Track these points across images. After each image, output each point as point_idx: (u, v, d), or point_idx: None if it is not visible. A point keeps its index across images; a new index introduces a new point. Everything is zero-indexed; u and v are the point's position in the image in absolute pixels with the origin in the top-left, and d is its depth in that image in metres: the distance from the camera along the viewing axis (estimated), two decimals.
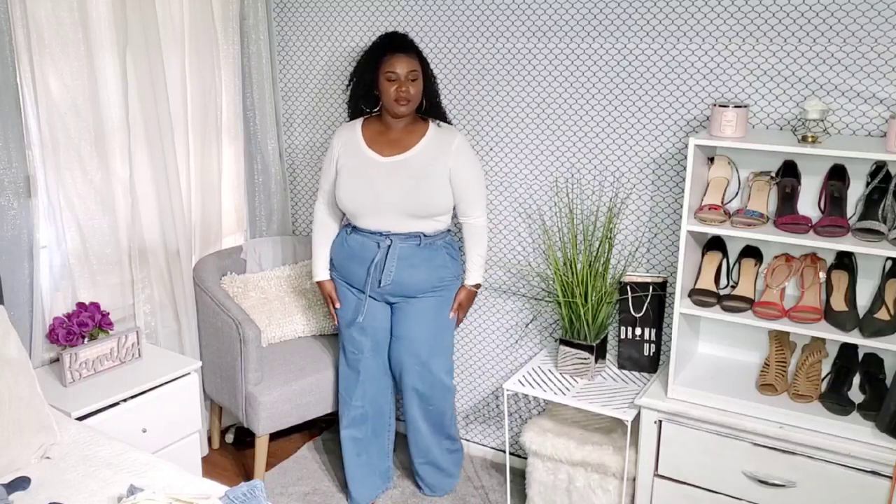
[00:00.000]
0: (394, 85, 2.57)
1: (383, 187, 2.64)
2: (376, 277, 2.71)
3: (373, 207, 2.66)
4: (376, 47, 2.63)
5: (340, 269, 2.82)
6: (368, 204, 2.66)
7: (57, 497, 1.93)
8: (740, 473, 2.33)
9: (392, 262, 2.68)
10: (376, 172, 2.65)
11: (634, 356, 2.73)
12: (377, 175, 2.65)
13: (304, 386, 2.94)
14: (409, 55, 2.60)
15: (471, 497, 3.02)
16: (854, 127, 2.30)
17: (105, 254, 2.78)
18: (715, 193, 2.41)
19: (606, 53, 2.65)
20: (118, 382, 2.58)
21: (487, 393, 3.22)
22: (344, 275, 2.82)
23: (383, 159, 2.65)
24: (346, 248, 2.78)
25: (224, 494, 1.85)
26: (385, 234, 2.69)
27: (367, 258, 2.71)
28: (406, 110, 2.61)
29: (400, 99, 2.57)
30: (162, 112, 2.85)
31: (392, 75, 2.57)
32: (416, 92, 2.60)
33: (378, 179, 2.64)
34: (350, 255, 2.76)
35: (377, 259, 2.69)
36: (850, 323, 2.19)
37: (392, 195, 2.63)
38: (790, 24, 2.33)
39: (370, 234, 2.71)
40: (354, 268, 2.76)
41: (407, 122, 2.67)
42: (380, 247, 2.69)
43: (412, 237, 2.69)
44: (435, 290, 2.76)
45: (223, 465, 3.21)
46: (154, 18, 2.79)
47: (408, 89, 2.57)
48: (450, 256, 2.77)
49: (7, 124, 2.41)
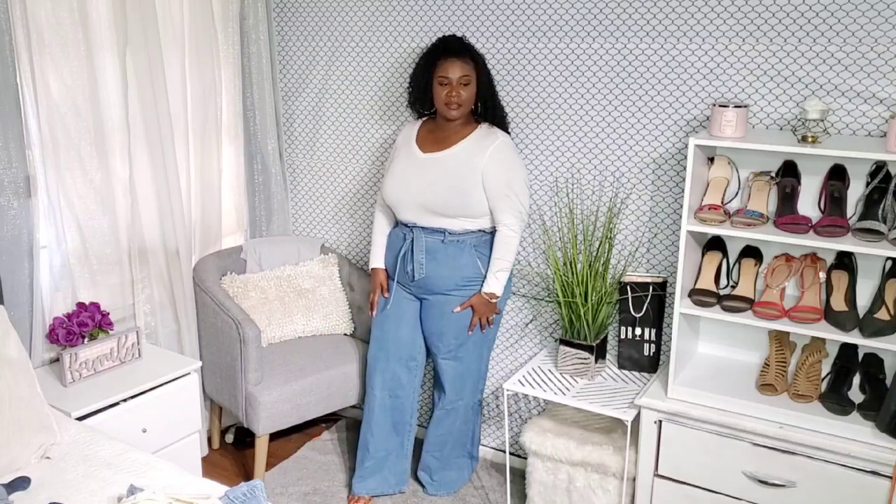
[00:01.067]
0: (445, 89, 2.60)
1: (414, 180, 2.69)
2: (406, 269, 2.77)
3: (404, 200, 2.72)
4: (431, 51, 2.68)
5: (389, 266, 2.88)
6: (401, 196, 2.72)
7: (57, 497, 1.93)
8: (740, 473, 2.33)
9: (420, 255, 2.71)
10: (412, 166, 2.72)
11: (634, 356, 2.73)
12: (412, 168, 2.71)
13: (304, 386, 2.94)
14: (463, 59, 2.62)
15: (471, 497, 3.02)
16: (854, 127, 2.30)
17: (105, 254, 2.78)
18: (715, 193, 2.41)
19: (606, 53, 2.65)
20: (118, 382, 2.58)
21: (487, 393, 3.22)
22: (388, 265, 2.88)
23: (422, 154, 2.71)
24: (390, 239, 2.88)
25: (224, 494, 1.85)
26: (410, 227, 2.74)
27: (398, 249, 2.79)
28: (457, 114, 2.63)
29: (450, 103, 2.60)
30: (162, 112, 2.85)
31: (444, 80, 2.60)
32: (467, 96, 2.61)
33: (412, 172, 2.71)
34: (390, 245, 2.86)
35: (404, 250, 2.75)
36: (850, 323, 2.19)
37: (420, 189, 2.67)
38: (790, 24, 2.33)
39: (402, 227, 2.79)
40: (389, 258, 2.86)
41: (459, 123, 2.69)
42: (405, 238, 2.75)
43: (436, 232, 2.71)
44: (459, 288, 2.73)
45: (223, 465, 3.20)
46: (154, 18, 2.79)
47: (458, 94, 2.59)
48: (478, 258, 2.71)
49: (7, 124, 2.41)
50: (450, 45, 2.65)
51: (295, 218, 3.59)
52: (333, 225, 3.48)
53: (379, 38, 3.11)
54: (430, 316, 2.80)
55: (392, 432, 2.93)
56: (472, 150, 2.63)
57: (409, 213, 2.73)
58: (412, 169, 2.71)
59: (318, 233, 3.54)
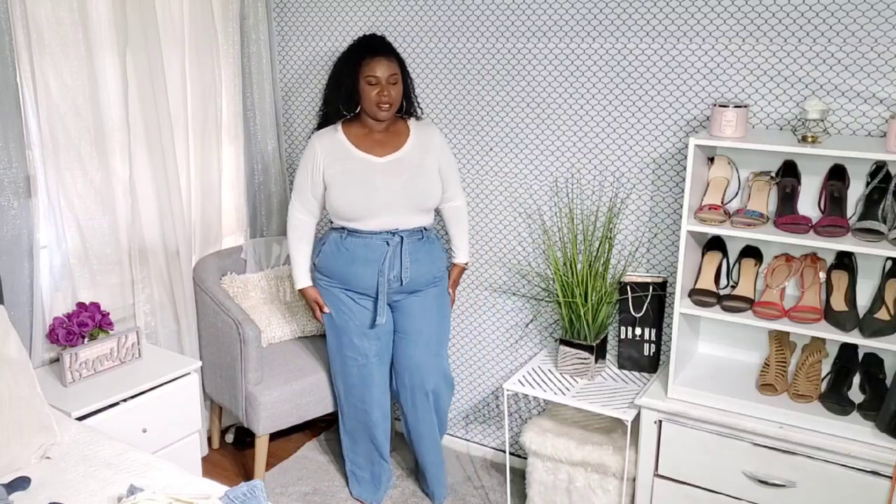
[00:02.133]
0: (375, 89, 2.56)
1: (385, 187, 2.63)
2: (394, 276, 2.69)
3: (377, 208, 2.63)
4: (354, 50, 2.61)
5: (336, 276, 2.73)
6: (372, 205, 2.63)
7: (57, 497, 1.93)
8: (740, 473, 2.33)
9: (406, 259, 2.68)
10: (376, 173, 2.64)
11: (634, 356, 2.73)
12: (377, 176, 2.63)
13: (304, 386, 2.94)
14: (389, 58, 2.59)
15: (471, 497, 3.02)
16: (854, 127, 2.30)
17: (105, 254, 2.78)
18: (715, 193, 2.41)
19: (606, 53, 2.65)
20: (118, 382, 2.58)
21: (487, 393, 3.22)
22: (344, 280, 2.73)
23: (380, 160, 2.65)
24: (343, 252, 2.70)
25: (224, 494, 1.85)
26: (393, 232, 2.67)
27: (374, 259, 2.67)
28: (387, 115, 2.61)
29: (381, 103, 2.57)
30: (162, 112, 2.85)
31: (373, 79, 2.55)
32: (396, 95, 2.61)
33: (379, 180, 2.63)
34: (351, 259, 2.69)
35: (388, 258, 2.66)
36: (850, 323, 2.19)
37: (396, 193, 2.64)
38: (790, 24, 2.33)
39: (376, 235, 2.66)
40: (358, 271, 2.69)
41: (390, 121, 2.69)
42: (389, 245, 2.67)
43: (416, 232, 2.71)
44: (436, 281, 2.80)
45: (223, 465, 3.21)
46: (154, 18, 2.79)
47: (389, 93, 2.57)
48: (440, 247, 2.84)
49: (7, 124, 2.41)
50: (374, 45, 2.61)
51: None
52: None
53: None
54: (408, 316, 2.77)
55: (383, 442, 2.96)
56: (422, 144, 2.71)
57: (385, 220, 2.64)
58: (375, 174, 2.62)
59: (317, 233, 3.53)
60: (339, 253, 2.71)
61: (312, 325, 3.22)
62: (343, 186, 2.64)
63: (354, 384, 2.83)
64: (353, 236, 2.69)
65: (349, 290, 2.74)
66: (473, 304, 3.14)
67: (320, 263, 2.77)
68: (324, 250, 2.76)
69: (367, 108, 2.61)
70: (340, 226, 2.72)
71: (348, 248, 2.69)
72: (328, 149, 2.66)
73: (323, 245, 2.77)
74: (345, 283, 2.73)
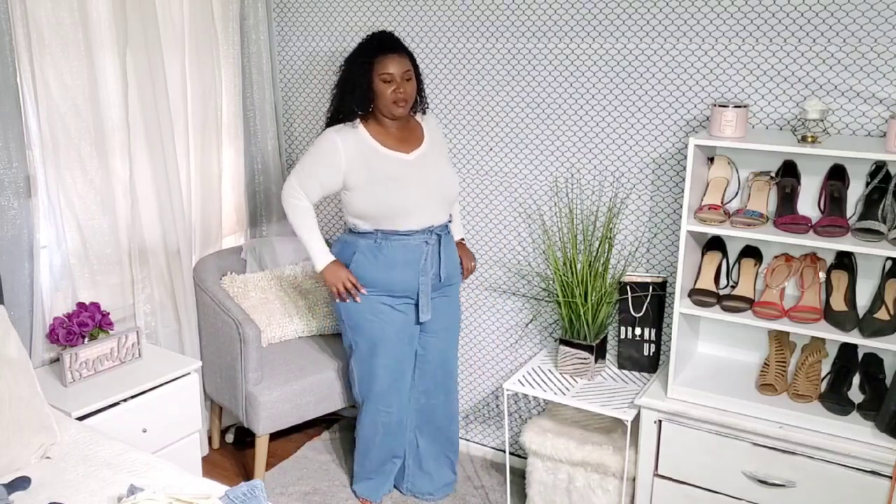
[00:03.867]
0: (390, 87, 2.52)
1: (418, 183, 2.59)
2: (433, 274, 2.66)
3: (413, 206, 2.58)
4: (367, 49, 2.57)
5: (377, 284, 2.62)
6: (408, 204, 2.57)
7: (57, 497, 1.93)
8: (740, 473, 2.33)
9: (443, 255, 2.68)
10: (409, 171, 2.59)
11: (634, 356, 2.73)
12: (410, 173, 2.59)
13: (304, 386, 2.94)
14: (401, 55, 2.55)
15: (471, 497, 3.02)
16: (854, 127, 2.30)
17: (105, 254, 2.78)
18: (715, 193, 2.41)
19: (606, 53, 2.65)
20: (118, 382, 2.58)
21: (487, 393, 3.22)
22: (384, 287, 2.63)
23: (409, 156, 2.61)
24: (380, 259, 2.61)
25: (224, 494, 1.86)
26: (430, 230, 2.64)
27: (414, 260, 2.62)
28: (403, 112, 2.58)
29: (398, 101, 2.53)
30: (162, 112, 2.85)
31: (387, 77, 2.51)
32: (411, 91, 2.58)
33: (413, 177, 2.59)
34: (389, 264, 2.61)
35: (428, 257, 2.63)
36: (849, 323, 2.19)
37: (430, 189, 2.61)
38: (790, 24, 2.33)
39: (414, 235, 2.61)
40: (399, 276, 2.62)
41: (405, 117, 2.66)
42: (428, 244, 2.63)
43: (445, 227, 2.72)
44: (458, 275, 2.83)
45: (223, 465, 3.21)
46: (154, 18, 2.79)
47: (405, 90, 2.55)
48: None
49: (7, 124, 2.41)
50: (386, 42, 2.57)
51: None
52: (333, 224, 3.47)
53: None
54: (439, 312, 2.74)
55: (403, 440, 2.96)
56: (433, 136, 2.73)
57: (422, 218, 2.60)
58: (408, 172, 2.59)
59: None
60: (375, 260, 2.62)
61: (312, 325, 3.22)
62: (374, 187, 2.56)
63: (383, 391, 2.77)
64: (390, 239, 2.60)
65: (387, 297, 2.66)
66: (473, 304, 3.14)
67: (357, 271, 2.63)
68: (357, 260, 2.63)
69: (382, 107, 2.56)
70: (368, 230, 2.62)
71: (385, 253, 2.61)
72: (353, 148, 2.56)
73: (354, 255, 2.64)
74: (385, 289, 2.64)
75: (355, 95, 2.56)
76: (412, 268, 2.63)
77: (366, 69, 2.54)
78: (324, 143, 2.59)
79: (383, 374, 2.74)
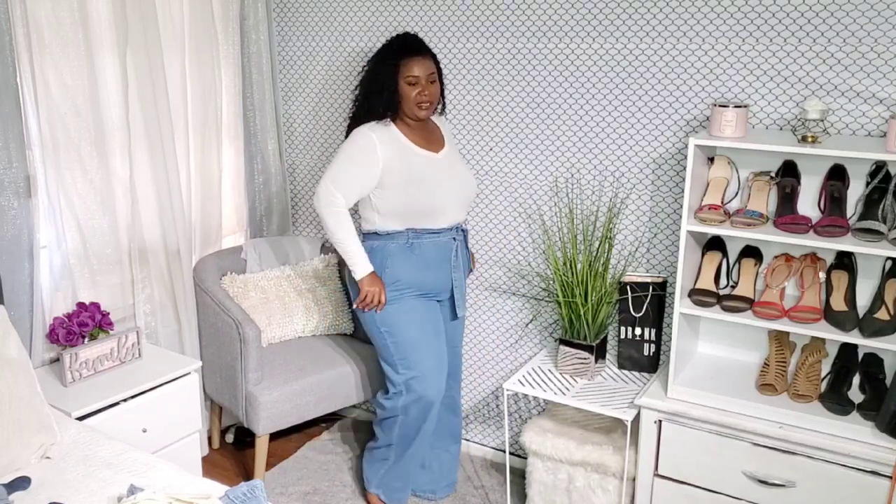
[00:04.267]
0: (415, 89, 2.53)
1: (450, 182, 2.64)
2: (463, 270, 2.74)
3: (445, 204, 2.61)
4: (392, 51, 2.57)
5: (413, 284, 2.62)
6: (442, 202, 2.60)
7: (57, 497, 1.93)
8: (740, 473, 2.33)
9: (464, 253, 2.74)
10: (440, 169, 2.62)
11: (634, 356, 2.73)
12: (441, 171, 2.62)
13: (304, 386, 2.93)
14: (426, 57, 2.56)
15: (471, 497, 3.02)
16: (854, 127, 2.30)
17: (105, 254, 2.78)
18: (715, 193, 2.41)
19: (606, 53, 2.65)
20: (118, 382, 2.58)
21: (487, 393, 3.22)
22: (419, 286, 2.64)
23: (438, 156, 2.64)
24: (414, 259, 2.61)
25: (224, 494, 1.85)
26: (456, 227, 2.69)
27: (444, 258, 2.66)
28: (427, 114, 2.59)
29: (422, 103, 2.54)
30: (162, 112, 2.85)
31: (412, 79, 2.52)
32: (436, 93, 2.59)
33: (444, 175, 2.62)
34: (424, 264, 2.62)
35: (459, 253, 2.69)
36: (849, 323, 2.19)
37: (458, 188, 2.66)
38: (790, 24, 2.33)
39: (444, 233, 2.64)
40: (432, 274, 2.65)
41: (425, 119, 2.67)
42: (455, 241, 2.68)
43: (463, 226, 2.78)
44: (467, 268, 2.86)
45: (223, 465, 3.21)
46: (154, 18, 2.79)
47: (430, 92, 2.55)
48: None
49: (7, 124, 2.41)
50: (411, 44, 2.58)
51: (295, 218, 3.60)
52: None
53: (379, 38, 3.11)
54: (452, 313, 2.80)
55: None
56: (449, 136, 2.77)
57: (452, 215, 2.64)
58: (440, 171, 2.62)
59: (318, 233, 3.54)
60: (409, 260, 2.62)
61: (312, 325, 3.21)
62: (410, 186, 2.56)
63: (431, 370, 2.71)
64: (422, 238, 2.61)
65: (422, 295, 2.67)
66: (473, 304, 3.14)
67: (392, 275, 2.61)
68: (391, 265, 2.61)
69: (407, 108, 2.56)
70: (399, 230, 2.60)
71: (417, 252, 2.62)
72: (388, 144, 2.55)
73: (386, 261, 2.61)
74: (419, 289, 2.65)
75: (383, 97, 2.55)
76: (444, 266, 2.67)
77: (392, 72, 2.53)
78: (361, 140, 2.55)
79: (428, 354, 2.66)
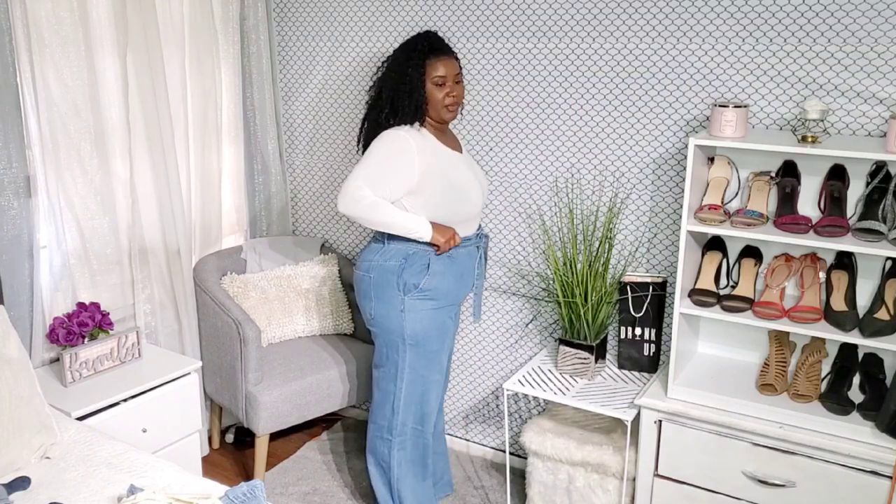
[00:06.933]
0: (443, 90, 2.43)
1: (478, 186, 2.55)
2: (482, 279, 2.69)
3: (477, 210, 2.56)
4: (417, 50, 2.44)
5: (449, 296, 2.53)
6: (476, 207, 2.54)
7: (57, 497, 1.93)
8: (740, 473, 2.33)
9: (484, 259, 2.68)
10: (468, 174, 2.53)
11: (634, 356, 2.73)
12: (470, 176, 2.53)
13: (304, 386, 2.94)
14: (450, 57, 2.47)
15: (471, 497, 3.02)
16: (854, 127, 2.30)
17: (105, 254, 2.78)
18: (715, 193, 2.41)
19: (606, 53, 2.65)
20: (118, 382, 2.58)
21: (487, 393, 3.22)
22: (453, 297, 2.56)
23: (462, 156, 2.57)
24: (451, 268, 2.50)
25: (224, 494, 1.85)
26: (478, 235, 2.63)
27: (471, 266, 2.59)
28: (454, 115, 2.50)
29: (450, 104, 2.45)
30: (162, 112, 2.85)
31: (439, 80, 2.42)
32: (462, 93, 2.51)
33: (472, 180, 2.53)
34: (459, 272, 2.54)
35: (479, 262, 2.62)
36: (849, 323, 2.19)
37: (482, 192, 2.59)
38: (790, 24, 2.33)
39: (473, 240, 2.58)
40: (462, 283, 2.58)
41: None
42: (479, 248, 2.61)
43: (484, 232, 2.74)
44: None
45: (223, 465, 3.21)
46: (154, 18, 2.79)
47: (457, 93, 2.47)
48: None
49: (7, 124, 2.41)
50: (435, 44, 2.47)
51: (295, 218, 3.60)
52: (333, 225, 3.48)
53: (379, 38, 3.11)
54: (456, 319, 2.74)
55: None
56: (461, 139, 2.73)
57: (475, 222, 2.59)
58: (469, 175, 2.53)
59: (318, 233, 3.54)
60: (447, 270, 2.50)
61: (312, 325, 3.22)
62: (449, 191, 2.46)
63: (431, 410, 2.66)
64: (459, 247, 2.53)
65: (449, 307, 2.58)
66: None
67: (432, 286, 2.48)
68: (434, 271, 2.47)
69: (432, 110, 2.45)
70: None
71: (454, 260, 2.52)
72: (426, 150, 2.43)
73: (428, 265, 2.47)
74: (453, 300, 2.58)
75: (413, 98, 2.42)
76: (470, 274, 2.61)
77: (420, 72, 2.42)
78: (397, 142, 2.41)
79: (435, 389, 2.63)
